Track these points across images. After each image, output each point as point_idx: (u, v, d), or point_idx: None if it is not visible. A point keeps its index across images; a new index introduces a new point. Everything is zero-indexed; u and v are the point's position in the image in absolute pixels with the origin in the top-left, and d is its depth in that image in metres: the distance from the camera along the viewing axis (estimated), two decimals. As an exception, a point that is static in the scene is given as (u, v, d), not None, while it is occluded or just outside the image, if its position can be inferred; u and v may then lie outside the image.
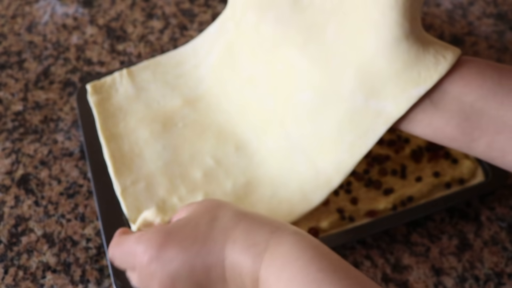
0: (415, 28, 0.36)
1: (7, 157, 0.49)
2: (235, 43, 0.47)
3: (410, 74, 0.36)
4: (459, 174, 0.47)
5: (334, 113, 0.40)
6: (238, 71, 0.47)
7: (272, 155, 0.45)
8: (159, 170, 0.45)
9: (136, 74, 0.51)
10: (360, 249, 0.45)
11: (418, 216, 0.45)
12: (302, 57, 0.40)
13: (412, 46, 0.35)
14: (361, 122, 0.39)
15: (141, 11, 0.61)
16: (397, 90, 0.36)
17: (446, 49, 0.36)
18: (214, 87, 0.49)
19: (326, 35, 0.39)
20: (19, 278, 0.43)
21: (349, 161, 0.40)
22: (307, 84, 0.41)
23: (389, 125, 0.38)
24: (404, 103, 0.36)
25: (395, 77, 0.36)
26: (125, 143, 0.47)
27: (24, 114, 0.52)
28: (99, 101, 0.49)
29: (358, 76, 0.37)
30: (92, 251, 0.44)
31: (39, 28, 0.59)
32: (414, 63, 0.36)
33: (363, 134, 0.39)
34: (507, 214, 0.47)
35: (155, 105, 0.49)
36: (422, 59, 0.36)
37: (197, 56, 0.51)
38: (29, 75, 0.55)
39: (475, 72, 0.35)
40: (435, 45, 0.36)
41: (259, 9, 0.43)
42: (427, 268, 0.44)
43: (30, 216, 0.46)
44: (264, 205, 0.43)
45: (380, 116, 0.38)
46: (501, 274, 0.44)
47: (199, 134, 0.47)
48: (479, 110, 0.34)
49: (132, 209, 0.43)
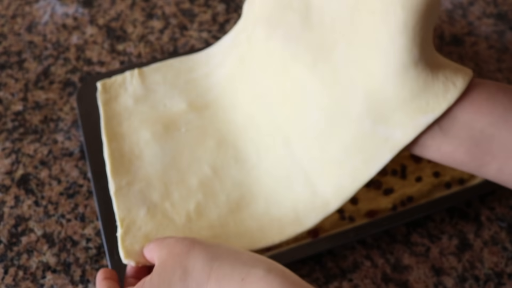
0: (425, 53, 0.35)
1: (7, 157, 0.49)
2: (246, 56, 0.47)
3: (418, 102, 0.35)
4: (459, 174, 0.47)
5: (341, 136, 0.39)
6: (249, 85, 0.47)
7: (270, 172, 0.44)
8: (156, 174, 0.45)
9: (147, 75, 0.51)
10: (360, 249, 0.45)
11: (418, 216, 0.45)
12: (311, 77, 0.40)
13: (420, 73, 0.35)
14: (367, 147, 0.38)
15: (141, 11, 0.61)
16: (405, 118, 0.36)
17: (456, 74, 0.35)
18: (222, 98, 0.49)
19: (336, 56, 0.38)
20: (19, 278, 0.43)
21: (349, 187, 0.40)
22: (316, 104, 0.40)
23: (395, 153, 0.37)
24: (412, 130, 0.36)
25: (403, 104, 0.36)
26: (126, 143, 0.46)
27: (24, 114, 0.52)
28: (106, 100, 0.49)
29: (367, 100, 0.37)
30: (92, 251, 0.44)
31: (39, 28, 0.59)
32: (423, 91, 0.35)
33: (368, 160, 0.38)
34: (507, 214, 0.47)
35: (161, 108, 0.49)
36: (431, 86, 0.35)
37: (209, 65, 0.51)
38: (29, 75, 0.55)
39: (485, 98, 0.34)
40: (445, 70, 0.35)
41: (268, 25, 0.43)
42: (427, 268, 0.44)
43: (30, 216, 0.46)
44: (255, 221, 0.43)
45: (387, 143, 0.37)
46: (501, 274, 0.44)
47: (200, 142, 0.47)
48: (489, 136, 0.34)
49: (123, 209, 0.42)
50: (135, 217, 0.42)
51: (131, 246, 0.40)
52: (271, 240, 0.42)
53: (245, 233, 0.42)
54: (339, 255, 0.45)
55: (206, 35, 0.59)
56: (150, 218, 0.42)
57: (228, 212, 0.43)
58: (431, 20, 0.35)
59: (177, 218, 0.42)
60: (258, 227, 0.43)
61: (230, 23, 0.61)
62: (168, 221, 0.42)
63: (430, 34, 0.36)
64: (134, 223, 0.42)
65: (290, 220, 0.43)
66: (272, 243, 0.42)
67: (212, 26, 0.60)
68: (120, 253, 0.40)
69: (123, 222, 0.41)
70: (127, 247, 0.40)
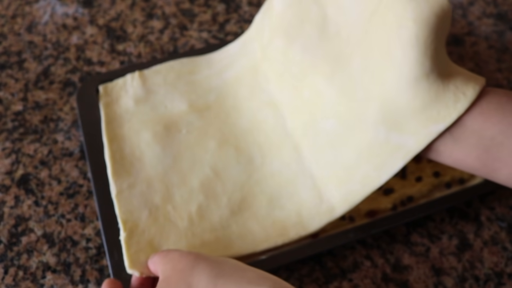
0: (437, 65, 0.36)
1: (7, 157, 0.49)
2: (260, 65, 0.48)
3: (429, 112, 0.36)
4: (459, 174, 0.47)
5: (355, 143, 0.40)
6: (257, 92, 0.48)
7: (274, 176, 0.45)
8: (158, 176, 0.45)
9: (147, 77, 0.51)
10: (360, 249, 0.45)
11: (418, 216, 0.45)
12: (329, 87, 0.41)
13: (432, 85, 0.36)
14: (380, 154, 0.39)
15: (141, 11, 0.61)
16: (418, 126, 0.37)
17: (467, 83, 0.36)
18: (225, 100, 0.49)
19: (352, 67, 0.39)
20: (19, 278, 0.43)
21: (359, 193, 0.40)
22: (332, 112, 0.41)
23: (407, 160, 0.38)
24: (424, 138, 0.37)
25: (415, 114, 0.36)
26: (127, 145, 0.47)
27: (24, 114, 0.52)
28: (108, 103, 0.49)
29: (382, 110, 0.38)
30: (92, 251, 0.44)
31: (39, 28, 0.59)
32: (434, 101, 0.36)
33: (379, 167, 0.39)
34: (507, 214, 0.47)
35: (162, 109, 0.49)
36: (442, 97, 0.36)
37: (211, 68, 0.52)
38: (29, 75, 0.55)
39: (494, 108, 0.35)
40: (457, 80, 0.36)
41: (286, 37, 0.44)
42: (427, 268, 0.44)
43: (30, 216, 0.46)
44: (258, 223, 0.43)
45: (400, 150, 0.38)
46: (501, 274, 0.44)
47: (201, 143, 0.47)
48: (499, 143, 0.34)
49: (125, 211, 0.42)
50: (137, 220, 0.42)
51: (136, 255, 0.40)
52: (273, 242, 0.42)
53: (247, 235, 0.43)
54: (339, 255, 0.45)
55: (206, 35, 0.59)
56: (153, 222, 0.42)
57: (230, 213, 0.43)
58: (443, 32, 0.36)
59: (179, 221, 0.43)
60: (260, 229, 0.43)
61: (230, 23, 0.61)
62: (171, 224, 0.42)
63: (443, 45, 0.36)
64: (137, 227, 0.42)
65: (293, 223, 0.43)
66: (275, 244, 0.42)
67: (212, 26, 0.60)
68: (125, 261, 0.40)
69: (126, 225, 0.42)
70: (132, 256, 0.40)
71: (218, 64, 0.52)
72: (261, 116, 0.48)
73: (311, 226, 0.42)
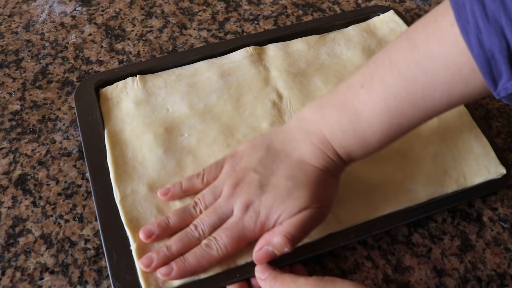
0: None
1: (5, 157, 0.49)
2: (264, 70, 0.53)
3: None
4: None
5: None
6: (260, 96, 0.51)
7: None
8: (161, 180, 0.45)
9: (148, 79, 0.52)
10: (361, 250, 0.45)
11: (419, 216, 0.45)
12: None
13: None
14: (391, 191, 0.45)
15: (140, 9, 0.61)
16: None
17: None
18: (227, 102, 0.50)
19: None
20: (17, 279, 0.42)
21: (364, 216, 0.44)
22: None
23: (413, 204, 0.45)
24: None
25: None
26: (129, 149, 0.47)
27: (22, 113, 0.52)
28: (109, 107, 0.49)
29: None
30: (91, 252, 0.44)
31: (36, 26, 0.59)
32: None
33: (387, 200, 0.45)
34: (509, 214, 0.47)
35: (163, 112, 0.49)
36: None
37: (212, 70, 0.53)
38: (26, 74, 0.55)
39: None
40: None
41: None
42: (428, 269, 0.44)
43: (27, 217, 0.46)
44: None
45: (409, 193, 0.45)
46: (504, 275, 0.44)
47: (204, 147, 0.47)
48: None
49: (132, 219, 0.43)
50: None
51: (156, 282, 0.40)
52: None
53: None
54: (340, 256, 0.44)
55: (206, 34, 0.59)
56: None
57: None
58: None
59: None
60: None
61: (230, 22, 0.60)
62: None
63: None
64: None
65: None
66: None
67: (211, 25, 0.60)
68: (138, 271, 0.40)
69: (134, 236, 0.41)
70: (148, 280, 0.39)
71: (220, 68, 0.53)
72: (264, 121, 0.48)
73: (313, 233, 0.42)
